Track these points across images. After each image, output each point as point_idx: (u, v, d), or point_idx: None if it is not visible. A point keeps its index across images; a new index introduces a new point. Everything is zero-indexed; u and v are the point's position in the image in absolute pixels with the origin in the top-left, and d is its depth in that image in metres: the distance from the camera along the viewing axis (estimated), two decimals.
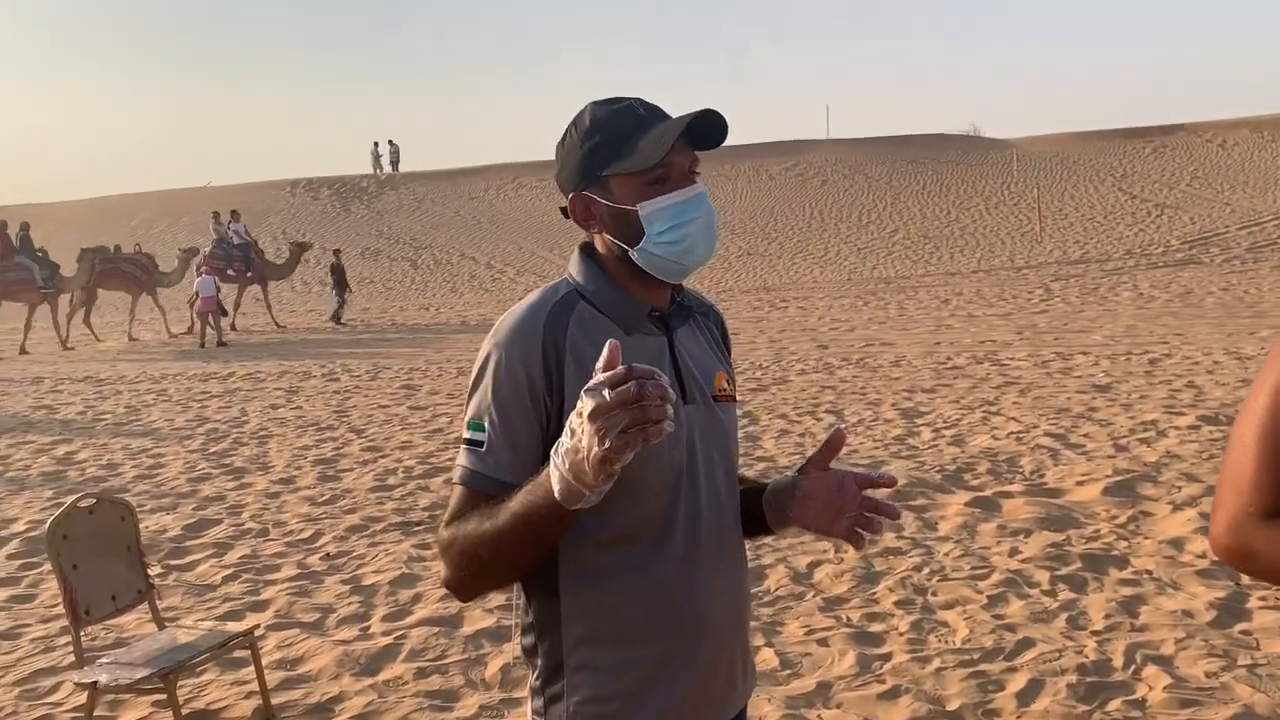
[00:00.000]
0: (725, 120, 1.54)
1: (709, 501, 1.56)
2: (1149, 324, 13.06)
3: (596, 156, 1.54)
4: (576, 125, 1.57)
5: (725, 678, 1.60)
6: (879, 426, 8.09)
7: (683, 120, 1.51)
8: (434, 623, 4.63)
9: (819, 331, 14.49)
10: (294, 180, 43.44)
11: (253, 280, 21.15)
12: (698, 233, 1.54)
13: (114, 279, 20.38)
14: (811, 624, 4.34)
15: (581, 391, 1.25)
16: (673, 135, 1.50)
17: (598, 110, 1.57)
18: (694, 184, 1.55)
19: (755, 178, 38.32)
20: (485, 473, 1.47)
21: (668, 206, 1.52)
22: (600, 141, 1.53)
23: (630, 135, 1.53)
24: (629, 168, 1.51)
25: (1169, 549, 4.96)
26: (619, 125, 1.54)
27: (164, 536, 6.25)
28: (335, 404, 10.88)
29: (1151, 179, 33.60)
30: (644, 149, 1.51)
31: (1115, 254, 22.80)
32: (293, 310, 22.88)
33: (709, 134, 1.55)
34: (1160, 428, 7.40)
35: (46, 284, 19.39)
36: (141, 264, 20.76)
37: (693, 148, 1.56)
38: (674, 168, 1.53)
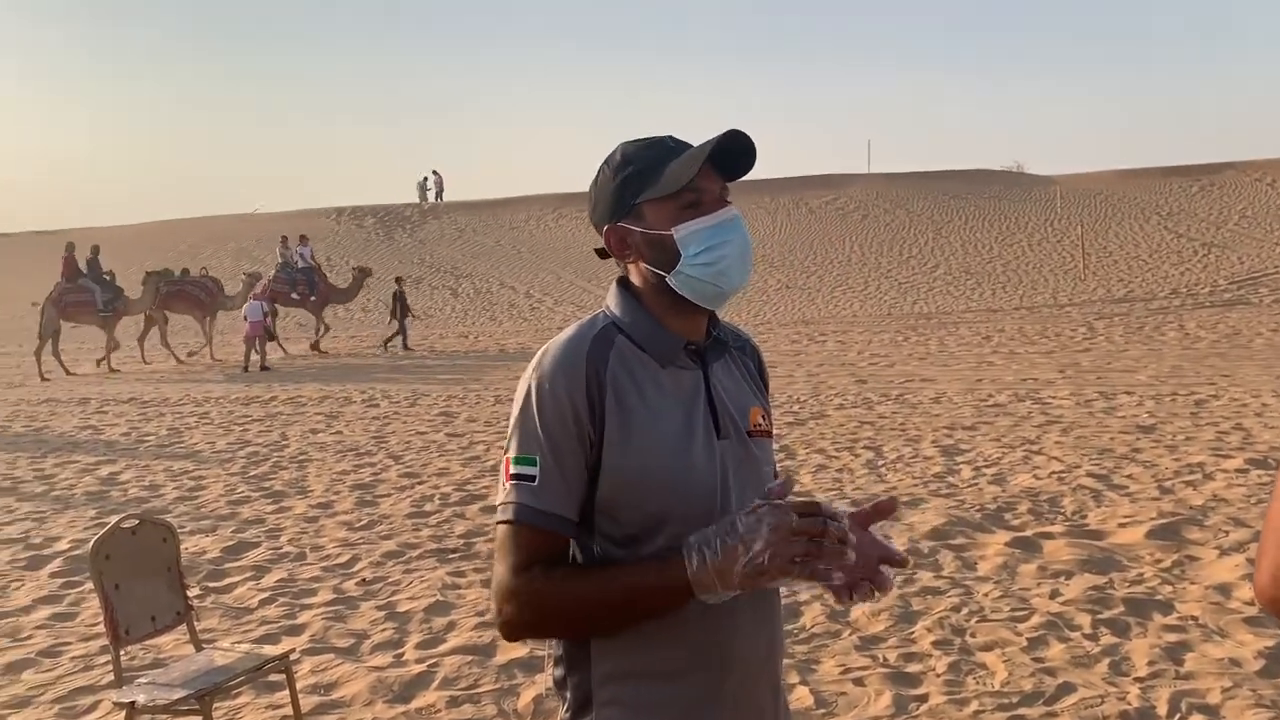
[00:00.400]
0: (753, 145, 1.55)
1: None
2: (1195, 364, 12.86)
3: (629, 187, 1.57)
4: (609, 162, 1.61)
5: (757, 717, 1.58)
6: (918, 463, 8.01)
7: (711, 141, 1.53)
8: (467, 651, 4.63)
9: (858, 366, 14.40)
10: (339, 208, 44.07)
11: (317, 304, 21.35)
12: (733, 255, 1.55)
13: (180, 301, 20.74)
14: (847, 663, 4.29)
15: (768, 504, 1.34)
16: (702, 155, 1.52)
17: (628, 147, 1.60)
18: (727, 206, 1.57)
19: (795, 211, 38.32)
20: (541, 507, 1.47)
21: (703, 229, 1.54)
22: (632, 172, 1.56)
23: (661, 164, 1.56)
24: (661, 191, 1.54)
25: (1216, 595, 4.85)
26: (650, 157, 1.57)
27: (203, 558, 6.31)
28: (374, 430, 10.96)
29: (1198, 217, 33.19)
30: (674, 171, 1.53)
31: (1160, 293, 22.51)
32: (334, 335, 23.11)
33: (738, 162, 1.57)
34: (1206, 470, 7.27)
35: (105, 307, 19.78)
36: (207, 287, 21.06)
37: (724, 175, 1.58)
38: (706, 193, 1.55)
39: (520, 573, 1.46)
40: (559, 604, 1.46)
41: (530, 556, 1.46)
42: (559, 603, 1.46)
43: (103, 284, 20.09)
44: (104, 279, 20.23)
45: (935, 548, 5.77)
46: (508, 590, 1.47)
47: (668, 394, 1.54)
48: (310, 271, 21.60)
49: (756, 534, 1.32)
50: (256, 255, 38.24)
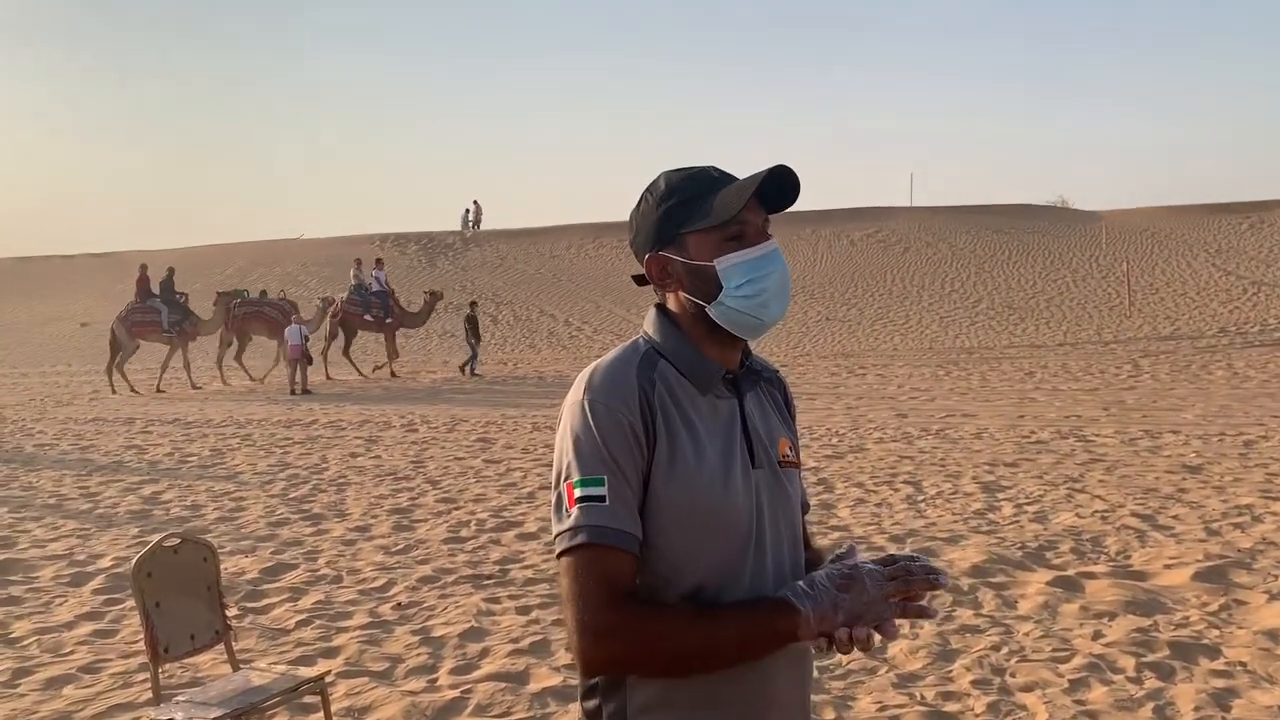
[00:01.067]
0: (798, 180, 1.57)
1: (774, 568, 1.56)
2: (1244, 404, 12.62)
3: (673, 217, 1.57)
4: (652, 191, 1.61)
5: None
6: (959, 499, 7.91)
7: (759, 175, 1.54)
8: (501, 678, 4.62)
9: (898, 400, 14.29)
10: (383, 235, 44.60)
11: (391, 327, 21.46)
12: (774, 288, 1.56)
13: (256, 322, 21.07)
14: (884, 700, 4.23)
15: (854, 559, 1.48)
16: (750, 189, 1.53)
17: (672, 176, 1.61)
18: (769, 239, 1.58)
19: (836, 243, 38.23)
20: (617, 526, 1.44)
21: (745, 261, 1.55)
22: (677, 203, 1.57)
23: (705, 195, 1.56)
24: (707, 223, 1.55)
25: (1265, 640, 4.74)
26: (694, 188, 1.58)
27: (242, 579, 6.37)
28: (413, 454, 11.03)
29: (1248, 255, 32.68)
30: (721, 203, 1.54)
31: (1208, 331, 22.15)
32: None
33: (781, 194, 1.58)
34: (1255, 512, 7.11)
35: (171, 328, 20.18)
36: (283, 309, 21.31)
37: (766, 209, 1.59)
38: (749, 225, 1.56)
39: (617, 607, 1.42)
40: (666, 644, 1.43)
41: (616, 584, 1.43)
42: (666, 643, 1.43)
43: (173, 304, 20.48)
44: (175, 300, 20.65)
45: (975, 585, 5.69)
46: (605, 627, 1.42)
47: (708, 422, 1.55)
48: (384, 295, 21.66)
49: (853, 583, 1.43)
50: (301, 280, 38.77)
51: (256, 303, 21.37)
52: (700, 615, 1.45)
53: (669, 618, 1.45)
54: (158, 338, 20.38)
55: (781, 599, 1.45)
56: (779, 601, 1.45)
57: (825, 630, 1.42)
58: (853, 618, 1.42)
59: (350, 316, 21.18)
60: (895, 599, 1.43)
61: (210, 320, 20.88)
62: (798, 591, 1.45)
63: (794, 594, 1.44)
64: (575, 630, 1.44)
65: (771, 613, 1.44)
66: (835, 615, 1.42)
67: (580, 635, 1.43)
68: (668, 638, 1.43)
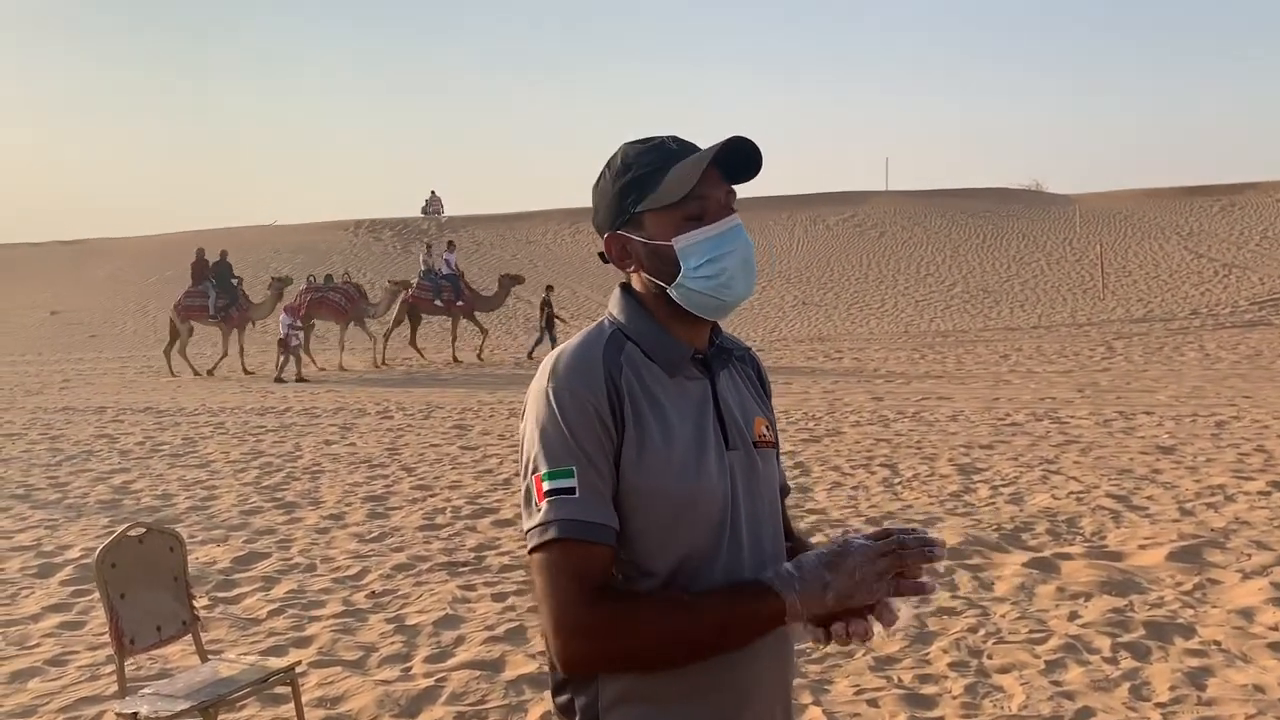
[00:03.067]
0: (758, 149, 1.49)
1: (752, 552, 1.50)
2: (1216, 385, 12.72)
3: (629, 194, 1.51)
4: (609, 166, 1.55)
5: None
6: (935, 482, 7.92)
7: (712, 149, 1.47)
8: (476, 666, 4.58)
9: (874, 383, 14.32)
10: (357, 221, 44.26)
11: (463, 311, 21.08)
12: (735, 267, 1.49)
13: (321, 308, 20.71)
14: (861, 683, 4.22)
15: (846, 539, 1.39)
16: (702, 164, 1.46)
17: (629, 149, 1.54)
18: (730, 215, 1.51)
19: (812, 227, 38.27)
20: (588, 519, 1.39)
21: (703, 240, 1.48)
22: (632, 178, 1.50)
23: (662, 169, 1.49)
24: (661, 201, 1.48)
25: (1238, 619, 4.76)
26: (651, 161, 1.50)
27: (213, 568, 6.29)
28: (388, 441, 10.94)
29: (1219, 238, 32.97)
30: (674, 180, 1.47)
31: (1180, 313, 22.33)
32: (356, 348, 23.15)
33: (743, 165, 1.51)
34: (1228, 492, 7.16)
35: (217, 312, 19.93)
36: (348, 293, 20.98)
37: (729, 181, 1.52)
38: (709, 200, 1.49)
39: (591, 603, 1.37)
40: (646, 639, 1.38)
41: (589, 579, 1.38)
42: (646, 638, 1.38)
43: (224, 288, 20.21)
44: (228, 283, 20.38)
45: (952, 567, 5.68)
46: (580, 624, 1.37)
47: (678, 404, 1.49)
48: (454, 278, 21.23)
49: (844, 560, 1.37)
50: (275, 266, 38.40)
51: (321, 288, 20.97)
52: (680, 606, 1.39)
53: (648, 612, 1.39)
54: (204, 321, 20.16)
55: (763, 583, 1.40)
56: (761, 586, 1.40)
57: (815, 612, 1.37)
58: (844, 597, 1.36)
59: (420, 302, 20.66)
60: (890, 576, 1.36)
61: (262, 305, 20.49)
62: (782, 574, 1.40)
63: (777, 576, 1.40)
64: (551, 629, 1.38)
65: (754, 598, 1.39)
66: (824, 595, 1.36)
67: (556, 635, 1.38)
68: (647, 633, 1.38)
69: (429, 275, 21.15)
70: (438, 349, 22.84)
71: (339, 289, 21.02)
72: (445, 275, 21.21)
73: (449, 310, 21.00)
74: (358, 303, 20.90)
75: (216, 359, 20.49)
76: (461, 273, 21.85)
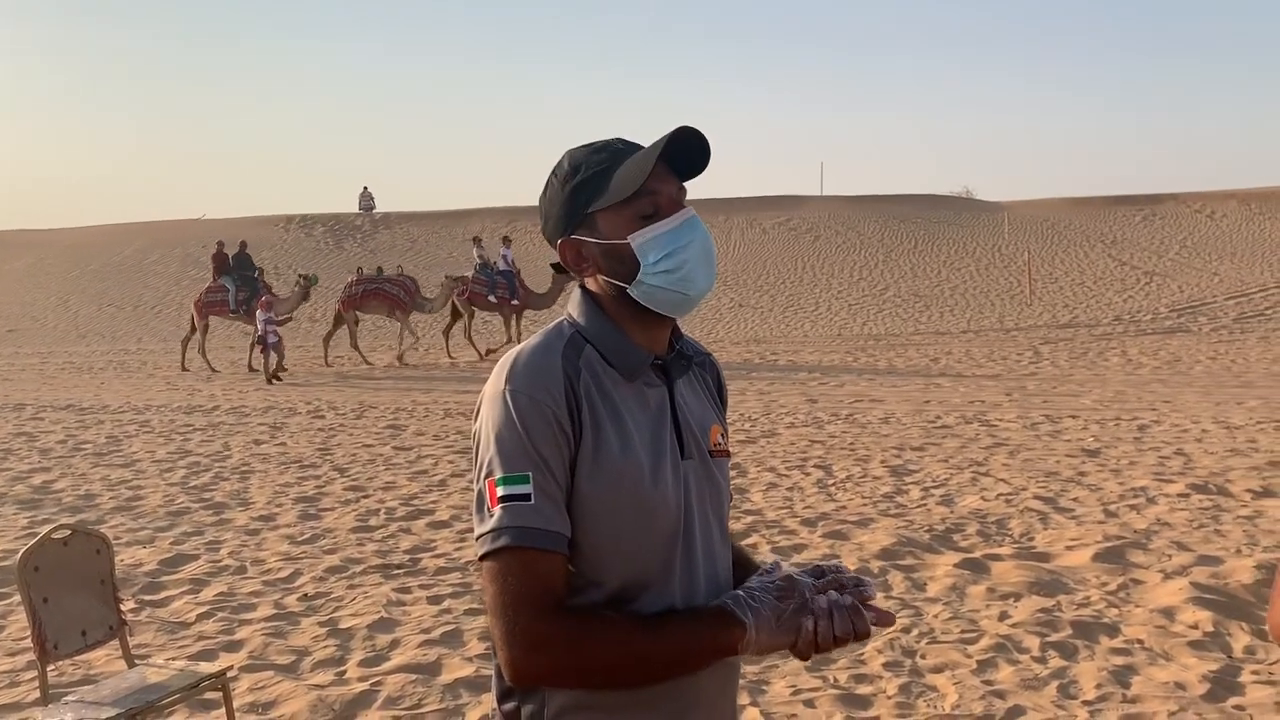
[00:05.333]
0: (707, 141, 1.48)
1: (705, 562, 1.50)
2: (1138, 390, 13.08)
3: (579, 196, 1.49)
4: (556, 172, 1.52)
5: None
6: (868, 483, 8.03)
7: (661, 141, 1.46)
8: (412, 670, 4.53)
9: (809, 386, 14.47)
10: (288, 216, 43.50)
11: (517, 308, 20.46)
12: (695, 259, 1.48)
13: (375, 300, 20.06)
14: (798, 684, 4.25)
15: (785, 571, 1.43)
16: (654, 155, 1.44)
17: (576, 153, 1.52)
18: (685, 209, 1.50)
19: (749, 231, 38.54)
20: (543, 527, 1.36)
21: (660, 234, 1.47)
22: (582, 180, 1.48)
23: (610, 170, 1.48)
24: (613, 198, 1.46)
25: (1160, 618, 4.89)
26: (598, 162, 1.49)
27: (139, 570, 6.13)
28: (319, 441, 10.77)
29: (1141, 246, 33.91)
30: (623, 178, 1.46)
31: (1104, 319, 22.92)
32: None
33: (692, 161, 1.50)
34: (1150, 494, 7.36)
35: (238, 306, 19.35)
36: (405, 286, 20.33)
37: (678, 176, 1.51)
38: (662, 196, 1.48)
39: (549, 617, 1.35)
40: (602, 658, 1.36)
41: (546, 590, 1.36)
42: (602, 657, 1.36)
43: (244, 281, 19.63)
44: (249, 276, 19.81)
45: (885, 568, 5.77)
46: (538, 638, 1.34)
47: (635, 411, 1.48)
48: (510, 274, 20.58)
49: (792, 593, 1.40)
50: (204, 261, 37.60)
51: (375, 280, 20.31)
52: (639, 628, 1.38)
53: (606, 630, 1.37)
54: (227, 316, 19.64)
55: (723, 610, 1.39)
56: (721, 613, 1.39)
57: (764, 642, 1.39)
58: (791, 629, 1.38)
59: (475, 297, 20.03)
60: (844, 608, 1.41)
61: (286, 301, 19.92)
62: (739, 601, 1.40)
63: (735, 604, 1.39)
64: (504, 640, 1.35)
65: (714, 625, 1.38)
66: (775, 626, 1.38)
67: (509, 646, 1.35)
68: (605, 651, 1.36)
69: (484, 270, 20.48)
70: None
71: (394, 281, 20.36)
72: (501, 271, 20.60)
73: (502, 306, 20.41)
74: (415, 296, 20.30)
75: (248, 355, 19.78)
76: (518, 270, 21.13)
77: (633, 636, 1.37)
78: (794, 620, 1.38)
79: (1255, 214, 37.12)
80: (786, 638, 1.39)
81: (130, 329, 24.58)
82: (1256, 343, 18.46)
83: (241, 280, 19.68)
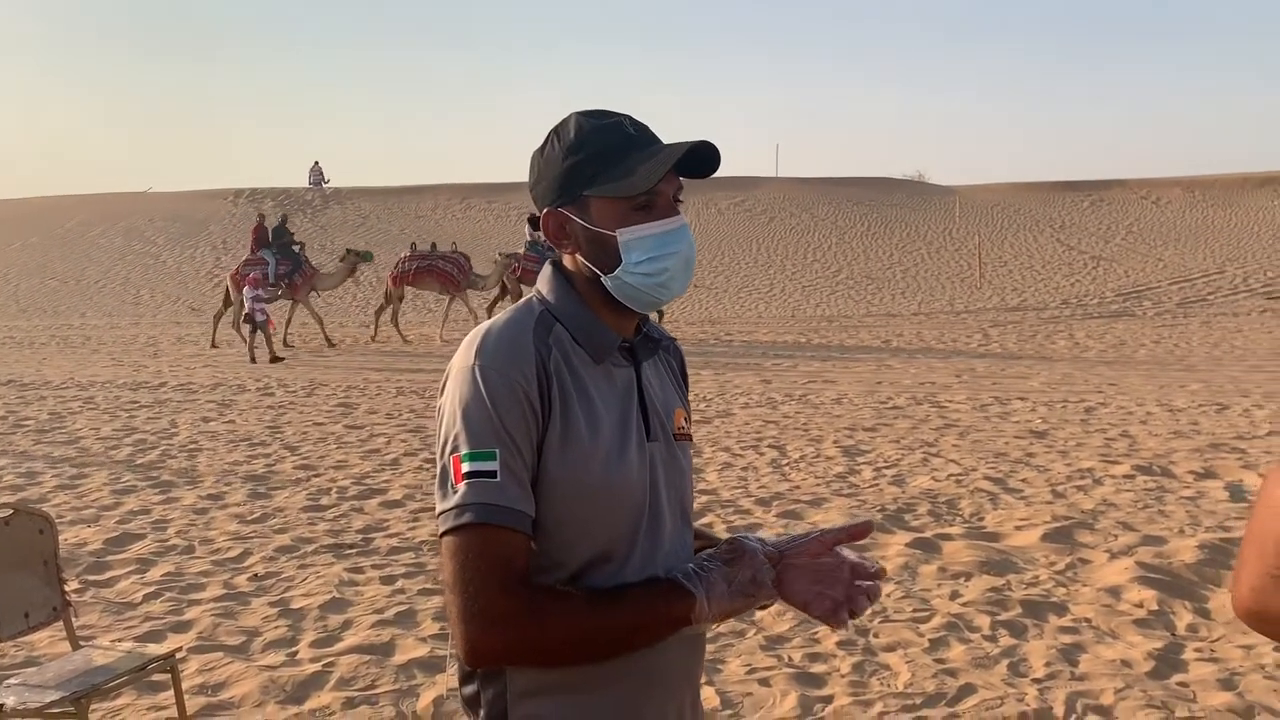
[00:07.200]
0: (718, 154, 1.46)
1: (668, 544, 1.49)
2: (1084, 373, 13.30)
3: (578, 173, 1.45)
4: (559, 135, 1.47)
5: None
6: (821, 463, 8.09)
7: (679, 150, 1.42)
8: (365, 650, 4.48)
9: (763, 366, 14.53)
10: (237, 190, 42.78)
11: None
12: (676, 267, 1.46)
13: (429, 277, 19.71)
14: (753, 663, 4.28)
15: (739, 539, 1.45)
16: (666, 165, 1.41)
17: (584, 122, 1.47)
18: (677, 214, 1.48)
19: (704, 211, 38.56)
20: (509, 504, 1.34)
21: (649, 236, 1.44)
22: (584, 158, 1.44)
23: (617, 155, 1.44)
24: (614, 192, 1.43)
25: (1107, 597, 4.99)
26: (605, 143, 1.45)
27: (83, 550, 6.00)
28: (269, 419, 10.62)
29: (1088, 231, 34.46)
30: (633, 174, 1.42)
31: (1052, 303, 23.28)
32: None
33: (700, 164, 1.47)
34: (1096, 475, 7.49)
35: (278, 281, 18.88)
36: (459, 263, 19.93)
37: (679, 175, 1.48)
38: (660, 195, 1.45)
39: (510, 593, 1.33)
40: (561, 633, 1.34)
41: (508, 567, 1.33)
42: (561, 631, 1.34)
43: (285, 254, 19.18)
44: (290, 249, 19.36)
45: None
46: (498, 614, 1.32)
47: (604, 392, 1.46)
48: None
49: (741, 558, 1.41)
50: (149, 235, 36.90)
51: (429, 256, 19.88)
52: (595, 603, 1.37)
53: (565, 604, 1.36)
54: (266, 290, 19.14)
55: (677, 582, 1.39)
56: (676, 584, 1.39)
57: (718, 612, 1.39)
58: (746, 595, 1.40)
59: (529, 275, 19.58)
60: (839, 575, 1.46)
61: (331, 276, 19.57)
62: (689, 574, 1.40)
63: (685, 576, 1.40)
64: (462, 617, 1.33)
65: (670, 597, 1.38)
66: (728, 590, 1.39)
67: (469, 623, 1.33)
68: (564, 626, 1.34)
69: (534, 247, 20.18)
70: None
71: (448, 258, 20.01)
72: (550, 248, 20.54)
73: None
74: (469, 273, 19.95)
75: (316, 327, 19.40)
76: None
77: (588, 610, 1.36)
78: (749, 586, 1.40)
79: (1199, 201, 37.89)
80: (743, 602, 1.41)
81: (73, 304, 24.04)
82: (1199, 327, 18.86)
83: (282, 252, 19.29)
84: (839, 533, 1.48)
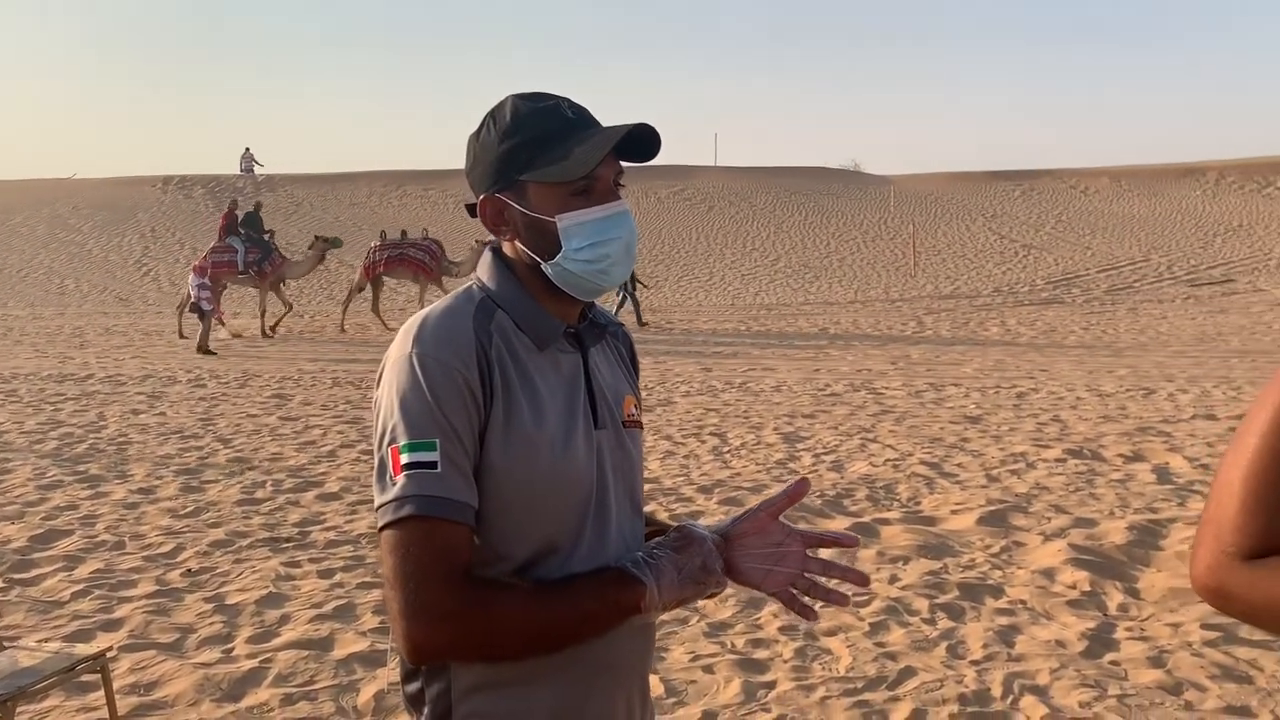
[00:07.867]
0: (659, 136, 1.44)
1: (616, 534, 1.46)
2: (1016, 359, 13.56)
3: (515, 158, 1.41)
4: (495, 119, 1.44)
5: (625, 717, 1.51)
6: (761, 450, 8.14)
7: (618, 133, 1.40)
8: (303, 645, 4.41)
9: (704, 355, 14.58)
10: (165, 177, 41.75)
11: None
12: (617, 253, 1.44)
13: (400, 266, 19.17)
14: (696, 650, 4.29)
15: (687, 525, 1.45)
16: (607, 147, 1.38)
17: (520, 105, 1.43)
18: (618, 200, 1.45)
19: (644, 200, 38.54)
20: (450, 496, 1.30)
21: (589, 222, 1.41)
22: (521, 142, 1.41)
23: (554, 139, 1.40)
24: (552, 176, 1.39)
25: (1041, 579, 5.09)
26: (543, 126, 1.41)
27: (8, 548, 5.82)
28: (201, 411, 10.40)
29: (1019, 220, 35.11)
30: (570, 158, 1.39)
31: (984, 290, 23.69)
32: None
33: (640, 147, 1.45)
34: (1029, 459, 7.64)
35: (247, 268, 18.29)
36: (431, 250, 19.33)
37: (620, 159, 1.45)
38: (599, 180, 1.42)
39: (453, 587, 1.29)
40: (507, 626, 1.32)
41: (450, 561, 1.30)
42: (507, 624, 1.32)
43: (254, 242, 18.58)
44: (257, 237, 18.74)
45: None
46: (441, 610, 1.28)
47: (548, 379, 1.43)
48: None
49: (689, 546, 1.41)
50: (74, 224, 35.87)
51: (398, 244, 19.35)
52: (541, 594, 1.34)
53: (510, 597, 1.33)
54: (234, 278, 18.56)
55: (625, 571, 1.38)
56: (624, 574, 1.37)
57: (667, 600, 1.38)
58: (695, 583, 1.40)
59: None
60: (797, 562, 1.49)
61: (300, 264, 19.04)
62: (638, 562, 1.38)
63: (634, 564, 1.38)
64: (403, 613, 1.29)
65: (618, 586, 1.36)
66: (678, 578, 1.38)
67: (411, 619, 1.29)
68: (510, 619, 1.32)
69: None
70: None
71: (419, 245, 19.51)
72: None
73: None
74: (441, 260, 19.50)
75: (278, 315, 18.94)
76: None
77: (535, 602, 1.34)
78: (699, 573, 1.39)
79: (1125, 190, 38.82)
80: (694, 590, 1.40)
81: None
82: (1126, 314, 19.33)
83: (252, 240, 18.80)
84: (779, 499, 1.47)
